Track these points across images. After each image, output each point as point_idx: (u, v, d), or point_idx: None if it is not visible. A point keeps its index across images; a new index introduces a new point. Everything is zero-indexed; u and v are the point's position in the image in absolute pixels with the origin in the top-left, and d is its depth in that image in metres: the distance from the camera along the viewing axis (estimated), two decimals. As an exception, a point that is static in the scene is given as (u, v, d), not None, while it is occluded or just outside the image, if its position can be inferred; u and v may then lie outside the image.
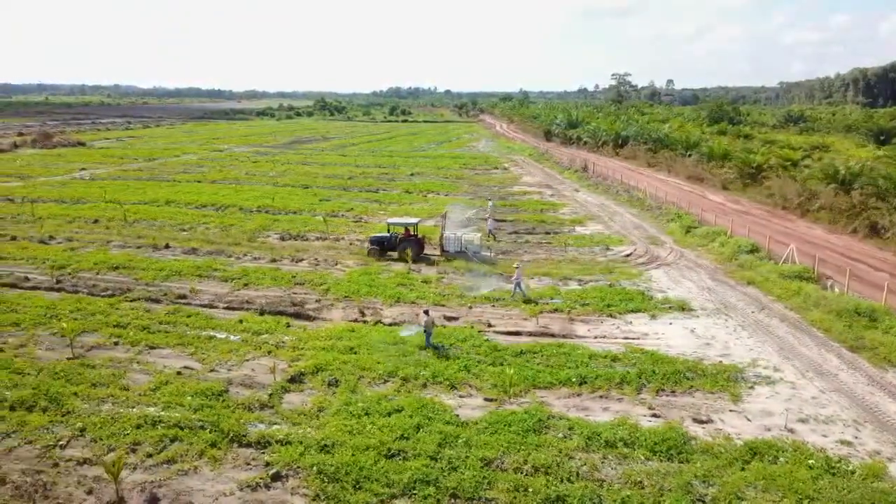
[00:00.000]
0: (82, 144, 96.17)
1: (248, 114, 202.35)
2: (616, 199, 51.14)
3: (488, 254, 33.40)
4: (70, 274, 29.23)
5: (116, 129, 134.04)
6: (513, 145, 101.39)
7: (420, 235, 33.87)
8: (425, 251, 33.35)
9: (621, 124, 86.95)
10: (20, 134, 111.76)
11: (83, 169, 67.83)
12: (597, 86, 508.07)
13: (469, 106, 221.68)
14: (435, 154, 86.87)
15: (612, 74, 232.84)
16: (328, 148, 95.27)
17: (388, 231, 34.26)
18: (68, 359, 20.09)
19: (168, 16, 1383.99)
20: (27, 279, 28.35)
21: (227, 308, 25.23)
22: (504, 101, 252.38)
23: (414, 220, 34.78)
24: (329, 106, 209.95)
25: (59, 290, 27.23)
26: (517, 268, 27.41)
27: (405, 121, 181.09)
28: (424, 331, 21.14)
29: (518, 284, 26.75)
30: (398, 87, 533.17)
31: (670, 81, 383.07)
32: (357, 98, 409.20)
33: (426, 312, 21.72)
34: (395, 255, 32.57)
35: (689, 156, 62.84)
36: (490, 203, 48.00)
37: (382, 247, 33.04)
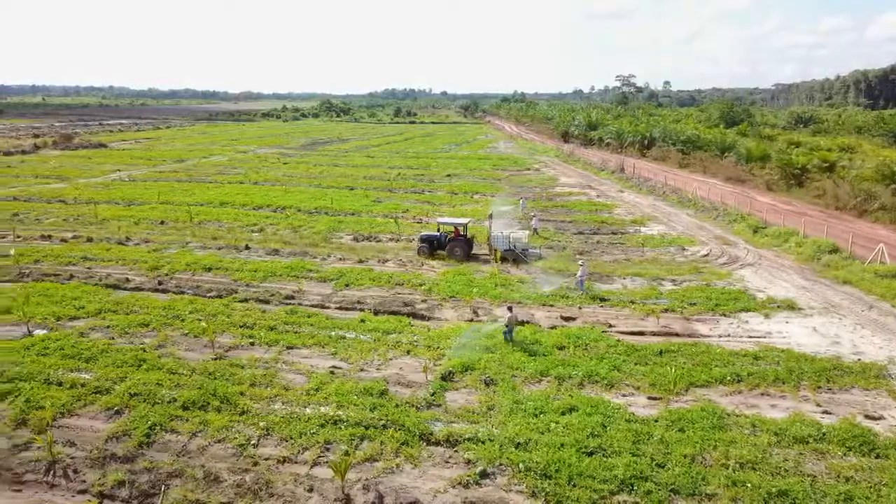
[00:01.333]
0: (104, 146, 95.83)
1: (253, 115, 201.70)
2: (665, 200, 51.45)
3: (537, 251, 33.58)
4: (167, 275, 29.20)
5: (128, 130, 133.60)
6: (534, 146, 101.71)
7: (470, 235, 34.07)
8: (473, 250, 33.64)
9: (646, 126, 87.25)
10: (35, 135, 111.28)
11: (118, 170, 67.61)
12: (592, 87, 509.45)
13: (474, 107, 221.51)
14: (460, 155, 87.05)
15: (617, 76, 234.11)
16: (350, 149, 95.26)
17: (438, 230, 34.36)
18: (213, 359, 20.10)
19: (159, 17, 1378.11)
20: (128, 280, 28.31)
21: (340, 308, 25.34)
22: (506, 103, 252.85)
23: (464, 221, 35.07)
24: (335, 107, 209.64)
25: (163, 291, 27.25)
26: (581, 265, 27.73)
27: (412, 122, 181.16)
28: (506, 326, 21.40)
29: (581, 281, 26.96)
30: (394, 88, 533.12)
31: (667, 83, 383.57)
32: (354, 99, 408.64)
33: (510, 308, 22.08)
34: (443, 253, 33.08)
35: (726, 157, 63.17)
36: (522, 201, 48.35)
37: (432, 245, 33.37)
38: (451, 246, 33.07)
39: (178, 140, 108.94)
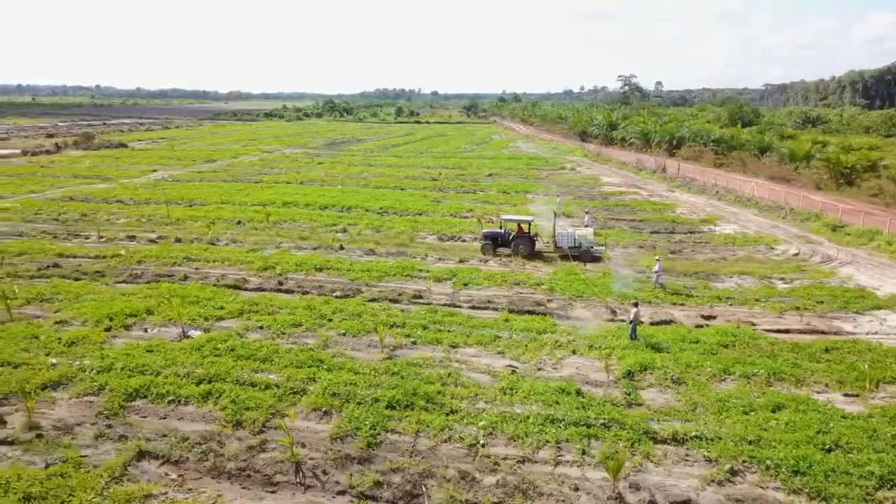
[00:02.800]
0: (124, 146, 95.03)
1: (256, 115, 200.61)
2: (722, 200, 51.84)
3: (602, 249, 33.76)
4: (280, 275, 29.04)
5: (138, 130, 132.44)
6: (556, 146, 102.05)
7: (534, 233, 34.19)
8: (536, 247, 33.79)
9: (674, 125, 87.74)
10: (49, 135, 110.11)
11: (154, 170, 67.07)
12: (582, 87, 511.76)
13: (475, 107, 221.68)
14: (489, 155, 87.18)
15: (619, 76, 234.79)
16: (373, 149, 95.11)
17: (501, 227, 34.60)
18: (385, 359, 20.05)
19: (144, 16, 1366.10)
20: (246, 280, 28.15)
21: (473, 308, 25.35)
22: (503, 103, 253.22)
23: (528, 218, 35.23)
24: (337, 107, 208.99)
25: (286, 291, 27.09)
26: (658, 260, 28.13)
27: (417, 122, 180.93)
28: (630, 322, 21.58)
29: (658, 276, 27.22)
30: (386, 88, 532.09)
31: (659, 83, 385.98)
32: (345, 99, 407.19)
33: (635, 304, 22.24)
34: (505, 250, 33.33)
35: (768, 156, 63.71)
36: (559, 198, 48.56)
37: (495, 242, 33.49)
38: (515, 243, 33.23)
39: (196, 140, 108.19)
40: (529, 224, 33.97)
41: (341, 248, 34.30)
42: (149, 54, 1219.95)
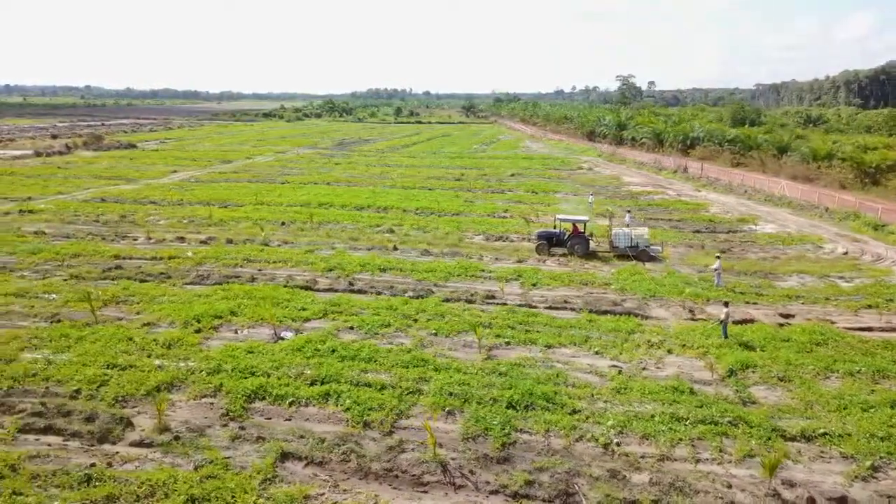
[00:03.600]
0: (134, 146, 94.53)
1: (255, 115, 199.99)
2: (752, 199, 52.26)
3: (659, 248, 34.00)
4: (348, 276, 29.05)
5: (142, 130, 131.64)
6: (568, 146, 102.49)
7: (589, 233, 34.40)
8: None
9: (688, 125, 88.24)
10: (53, 136, 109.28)
11: (174, 171, 66.81)
12: (574, 87, 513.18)
13: (474, 108, 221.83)
14: (502, 155, 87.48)
15: (617, 76, 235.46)
16: (384, 150, 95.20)
17: (555, 227, 34.81)
18: (485, 359, 20.14)
19: (133, 16, 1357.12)
20: (316, 281, 28.16)
21: (549, 308, 25.45)
22: (499, 103, 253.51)
23: (584, 218, 35.45)
24: (337, 107, 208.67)
25: (358, 291, 27.09)
26: (718, 258, 28.51)
27: (418, 122, 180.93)
28: (722, 322, 21.80)
29: (718, 275, 27.52)
30: (377, 88, 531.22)
31: (652, 83, 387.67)
32: (336, 99, 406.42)
33: (726, 304, 22.53)
34: (559, 250, 33.57)
35: (789, 156, 64.23)
36: (591, 197, 48.87)
37: (550, 242, 33.67)
38: (571, 243, 33.38)
39: (204, 140, 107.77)
40: (585, 224, 34.11)
41: (395, 248, 34.31)
42: (137, 54, 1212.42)
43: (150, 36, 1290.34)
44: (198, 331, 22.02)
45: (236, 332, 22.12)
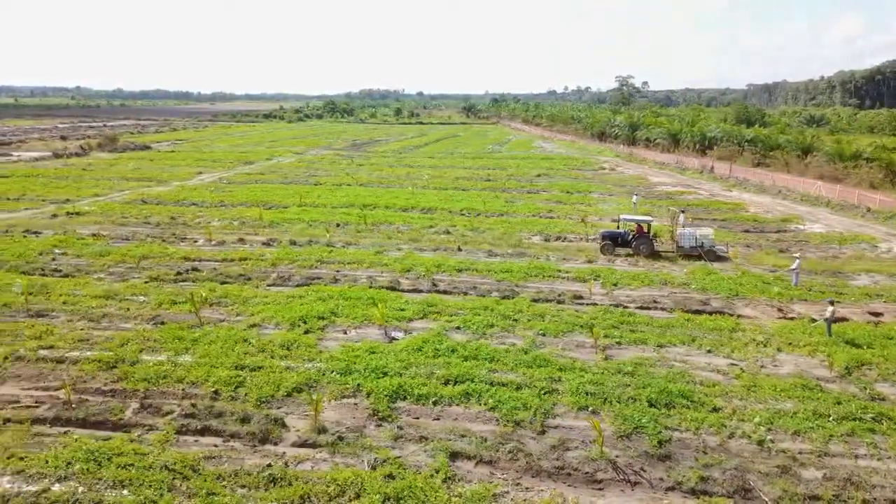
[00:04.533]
0: (148, 148, 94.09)
1: (255, 116, 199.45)
2: (787, 199, 52.77)
3: (724, 248, 34.37)
4: (425, 277, 29.21)
5: (147, 132, 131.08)
6: (583, 146, 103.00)
7: (653, 233, 34.75)
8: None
9: (703, 126, 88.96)
10: (62, 137, 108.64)
11: (200, 172, 66.69)
12: (566, 87, 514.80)
13: (474, 108, 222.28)
14: (520, 155, 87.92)
15: (616, 77, 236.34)
16: (400, 150, 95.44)
17: (618, 227, 35.24)
18: (604, 358, 20.38)
19: (122, 16, 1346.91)
20: (399, 282, 28.32)
21: (640, 308, 25.70)
22: (498, 103, 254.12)
23: (648, 218, 35.82)
24: (338, 108, 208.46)
25: (443, 292, 27.27)
26: (797, 258, 28.79)
27: (420, 123, 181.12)
28: (826, 320, 22.21)
29: (797, 275, 28.04)
30: (371, 89, 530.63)
31: (645, 83, 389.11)
32: (328, 100, 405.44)
33: (831, 303, 22.91)
34: (623, 251, 33.95)
35: (814, 156, 64.92)
36: (635, 197, 49.33)
37: (615, 242, 33.96)
38: (636, 243, 33.72)
39: (216, 141, 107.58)
40: (649, 224, 34.41)
41: (459, 249, 34.49)
42: (126, 55, 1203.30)
43: (139, 36, 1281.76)
44: (307, 332, 22.11)
45: (345, 333, 22.24)
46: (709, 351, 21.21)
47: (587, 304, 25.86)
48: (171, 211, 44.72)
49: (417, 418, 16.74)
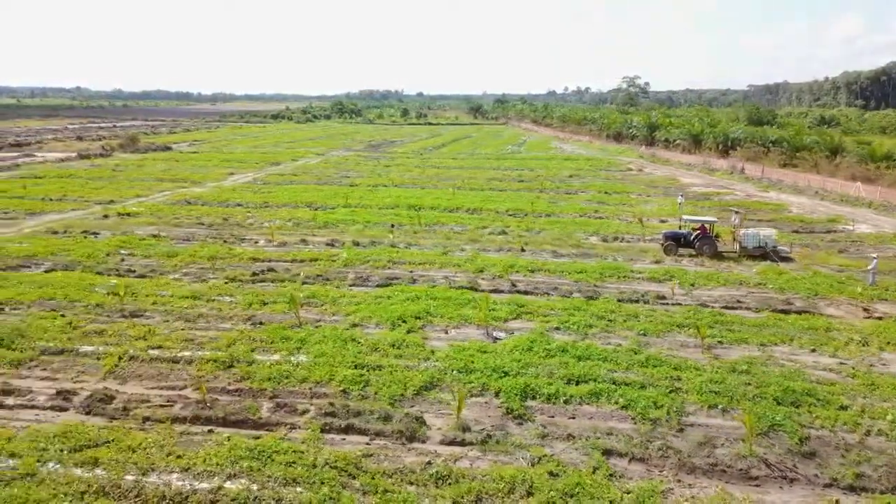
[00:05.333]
0: (169, 148, 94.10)
1: (263, 116, 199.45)
2: (825, 199, 53.02)
3: (787, 249, 34.62)
4: (499, 277, 29.39)
5: (160, 132, 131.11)
6: (604, 147, 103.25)
7: (715, 233, 34.99)
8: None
9: (724, 126, 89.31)
10: (78, 138, 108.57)
11: (231, 173, 66.81)
12: (566, 88, 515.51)
13: (481, 109, 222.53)
14: (542, 156, 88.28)
15: (623, 77, 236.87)
16: (420, 151, 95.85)
17: (680, 227, 35.47)
18: (713, 358, 20.58)
19: (121, 16, 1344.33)
20: (478, 282, 28.50)
21: (725, 308, 25.90)
22: (501, 104, 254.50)
23: (712, 219, 36.04)
24: (346, 109, 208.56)
25: (523, 292, 27.45)
26: (875, 258, 29.10)
27: (429, 123, 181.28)
28: None
29: (874, 274, 28.27)
30: (371, 89, 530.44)
31: (647, 84, 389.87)
32: (330, 100, 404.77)
33: None
34: (685, 251, 34.12)
35: (844, 156, 65.26)
36: (681, 198, 49.53)
37: (678, 242, 34.17)
38: (700, 243, 33.95)
39: (234, 142, 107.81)
40: (713, 225, 34.65)
41: (522, 250, 34.67)
42: (124, 55, 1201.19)
43: (136, 37, 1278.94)
44: (409, 331, 22.28)
45: (446, 332, 22.38)
46: (812, 350, 21.42)
47: (672, 305, 26.04)
48: (218, 212, 44.86)
49: (552, 417, 16.91)
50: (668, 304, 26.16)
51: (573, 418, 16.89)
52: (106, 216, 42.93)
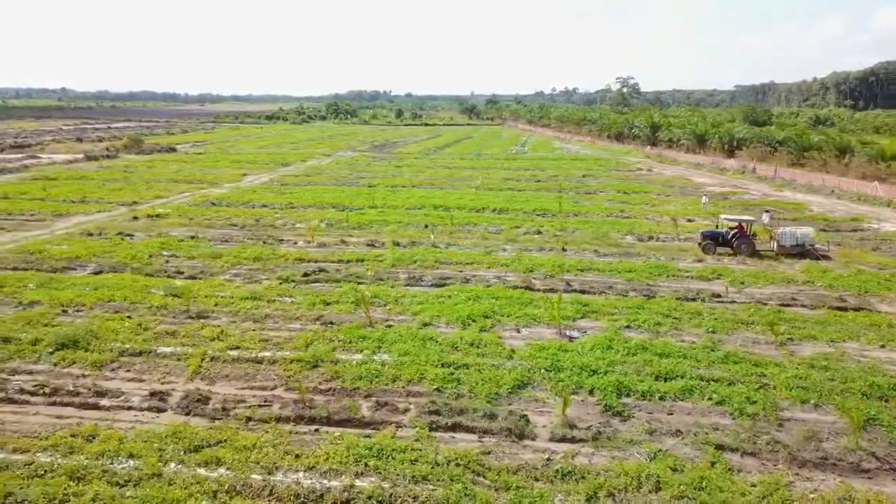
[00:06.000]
0: (174, 150, 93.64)
1: (257, 117, 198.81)
2: (841, 198, 53.74)
3: (825, 248, 35.15)
4: (551, 276, 29.66)
5: (157, 133, 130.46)
6: (607, 147, 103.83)
7: (753, 233, 35.48)
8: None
9: (729, 126, 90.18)
10: (77, 139, 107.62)
11: (244, 174, 66.54)
12: (553, 89, 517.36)
13: (476, 109, 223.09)
14: (550, 157, 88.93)
15: (617, 78, 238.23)
16: (425, 151, 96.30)
17: (717, 227, 35.94)
18: (789, 354, 20.90)
19: (104, 17, 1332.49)
20: (532, 282, 28.73)
21: (782, 305, 26.26)
22: (493, 105, 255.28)
23: (750, 218, 36.51)
24: (341, 109, 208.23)
25: (579, 291, 27.71)
26: None
27: (425, 124, 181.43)
28: None
29: None
30: (360, 90, 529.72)
31: (636, 84, 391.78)
32: (318, 101, 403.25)
33: None
34: (723, 250, 34.57)
35: (856, 156, 66.11)
36: (705, 198, 50.19)
37: (716, 241, 34.63)
38: (738, 242, 34.40)
39: (238, 143, 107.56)
40: (750, 224, 35.09)
41: (564, 249, 34.91)
42: (109, 55, 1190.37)
43: (121, 37, 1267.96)
44: (481, 330, 22.46)
45: (518, 331, 22.59)
46: (882, 346, 21.79)
47: (728, 303, 26.31)
48: (246, 213, 44.79)
49: (651, 413, 17.13)
50: (723, 301, 26.45)
51: (671, 414, 17.12)
52: (135, 218, 42.74)
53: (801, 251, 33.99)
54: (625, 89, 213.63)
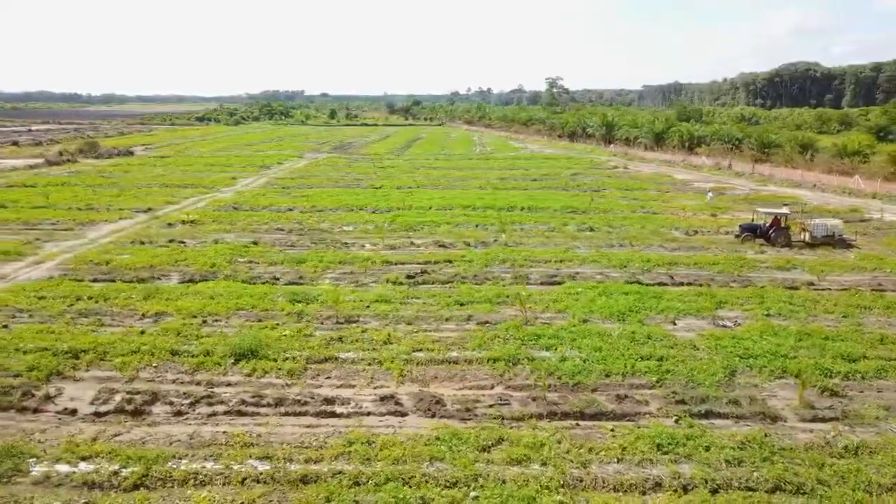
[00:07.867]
0: (131, 153, 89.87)
1: (188, 118, 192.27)
2: (826, 192, 57.57)
3: (854, 239, 38.24)
4: (646, 271, 30.89)
5: (92, 136, 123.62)
6: (569, 146, 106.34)
7: (786, 225, 38.22)
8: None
9: (689, 126, 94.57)
10: (14, 143, 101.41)
11: (233, 178, 65.03)
12: (469, 89, 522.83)
13: (411, 109, 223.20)
14: (524, 156, 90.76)
15: (546, 78, 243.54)
16: (386, 152, 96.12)
17: (752, 220, 38.80)
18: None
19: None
20: (638, 278, 29.87)
21: (873, 290, 28.43)
22: (418, 105, 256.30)
23: (785, 211, 39.26)
24: (275, 110, 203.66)
25: (686, 284, 29.02)
26: None
27: (364, 124, 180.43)
28: None
29: None
30: (275, 90, 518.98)
31: (563, 84, 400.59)
32: (232, 101, 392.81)
33: None
34: (759, 241, 36.97)
35: (817, 152, 71.01)
36: (710, 194, 53.20)
37: (754, 234, 37.32)
38: (775, 234, 36.90)
39: (196, 145, 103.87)
40: (786, 217, 37.52)
41: (632, 244, 36.22)
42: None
43: (9, 34, 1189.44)
44: (641, 323, 23.36)
45: (674, 324, 23.67)
46: None
47: (824, 290, 28.20)
48: (279, 218, 43.97)
49: (862, 392, 18.49)
50: (819, 289, 28.30)
51: (881, 392, 18.44)
52: (170, 224, 41.27)
53: (829, 241, 36.45)
54: (554, 90, 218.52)
